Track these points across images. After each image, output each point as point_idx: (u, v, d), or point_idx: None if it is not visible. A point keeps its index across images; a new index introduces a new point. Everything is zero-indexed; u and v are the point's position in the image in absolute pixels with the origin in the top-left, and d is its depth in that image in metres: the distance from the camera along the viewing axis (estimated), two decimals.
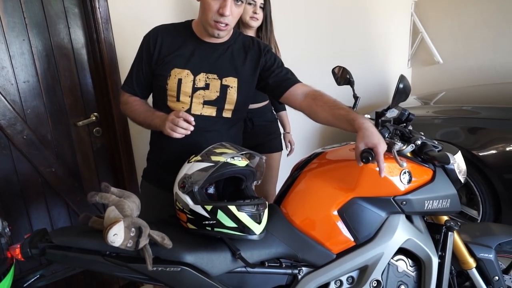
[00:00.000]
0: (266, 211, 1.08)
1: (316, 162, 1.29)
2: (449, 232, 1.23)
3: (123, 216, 0.96)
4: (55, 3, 1.69)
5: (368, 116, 1.43)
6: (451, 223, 1.24)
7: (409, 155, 1.21)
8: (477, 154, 2.11)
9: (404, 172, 1.16)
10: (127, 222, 0.93)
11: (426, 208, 1.17)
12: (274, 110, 2.12)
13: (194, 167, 1.06)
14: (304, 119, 1.31)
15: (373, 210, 1.16)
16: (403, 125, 1.27)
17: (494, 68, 3.23)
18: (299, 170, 1.29)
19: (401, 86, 1.11)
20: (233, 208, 1.01)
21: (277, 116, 2.14)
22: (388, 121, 1.24)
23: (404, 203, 1.15)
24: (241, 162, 1.07)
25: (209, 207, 1.01)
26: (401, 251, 1.19)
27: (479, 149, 2.12)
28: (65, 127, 1.82)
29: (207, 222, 1.02)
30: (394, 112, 1.25)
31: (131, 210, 1.00)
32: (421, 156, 1.19)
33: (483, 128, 2.18)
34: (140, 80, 1.33)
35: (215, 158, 1.05)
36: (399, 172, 1.15)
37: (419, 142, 1.18)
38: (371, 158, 1.00)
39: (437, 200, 1.17)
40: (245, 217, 1.01)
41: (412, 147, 1.18)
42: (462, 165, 1.25)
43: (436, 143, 1.23)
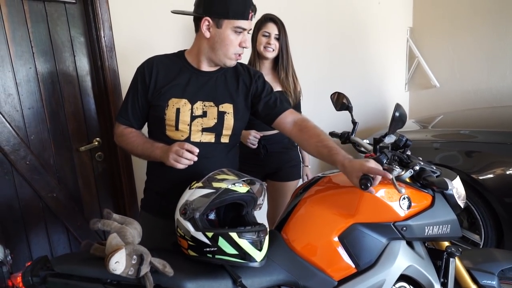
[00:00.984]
0: (267, 237, 1.08)
1: (316, 187, 1.30)
2: (450, 258, 1.22)
3: (124, 243, 0.97)
4: (62, 32, 1.75)
5: (367, 141, 1.46)
6: (452, 249, 1.23)
7: (408, 180, 1.22)
8: (476, 178, 2.12)
9: (404, 198, 1.16)
10: (128, 249, 0.94)
11: (426, 234, 1.17)
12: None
13: (195, 193, 1.07)
14: None
15: (373, 236, 1.16)
16: (401, 150, 1.29)
17: (490, 91, 3.29)
18: (300, 195, 1.30)
19: (397, 114, 1.14)
20: (234, 235, 1.01)
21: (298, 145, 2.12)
22: (386, 147, 1.26)
23: (404, 229, 1.15)
24: (242, 188, 1.08)
25: (210, 234, 1.02)
26: (403, 277, 1.18)
27: (478, 172, 2.13)
28: (67, 152, 1.84)
29: (208, 249, 1.02)
30: (392, 138, 1.26)
31: (132, 237, 1.00)
32: (419, 181, 1.20)
33: (481, 152, 2.20)
34: (136, 111, 1.33)
35: (216, 185, 1.06)
36: (398, 197, 1.16)
37: (417, 168, 1.19)
38: (370, 184, 1.01)
39: (437, 226, 1.17)
40: (246, 244, 1.01)
41: (411, 172, 1.19)
42: (461, 190, 1.26)
43: (435, 168, 1.25)
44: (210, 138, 1.31)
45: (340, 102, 1.55)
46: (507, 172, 2.07)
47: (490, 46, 3.23)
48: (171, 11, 1.39)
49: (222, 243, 1.01)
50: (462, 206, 1.24)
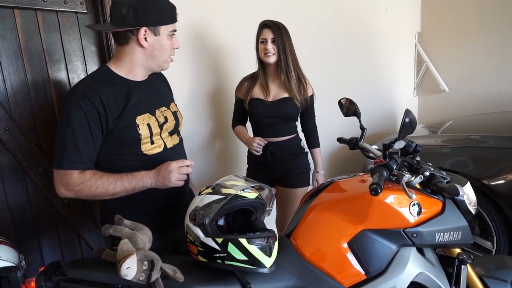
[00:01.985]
0: (276, 243, 1.08)
1: (325, 193, 1.30)
2: (462, 266, 1.21)
3: (136, 249, 0.98)
4: (74, 41, 1.79)
5: (375, 147, 1.46)
6: (464, 256, 1.22)
7: (418, 186, 1.21)
8: (487, 183, 2.09)
9: (414, 204, 1.16)
10: (140, 255, 0.95)
11: (437, 241, 1.16)
12: (308, 146, 2.10)
13: (205, 199, 1.08)
14: None
15: (383, 243, 1.15)
16: (410, 156, 1.28)
17: (500, 95, 3.25)
18: (308, 201, 1.30)
19: (407, 120, 1.14)
20: (243, 241, 1.02)
21: (310, 152, 2.11)
22: (396, 152, 1.25)
23: (414, 235, 1.14)
24: (251, 194, 1.09)
25: (220, 240, 1.02)
26: (413, 285, 1.17)
27: (489, 178, 2.10)
28: None
29: (217, 255, 1.03)
30: (401, 144, 1.26)
31: (143, 243, 1.02)
32: (430, 187, 1.19)
33: (491, 157, 2.17)
34: (90, 150, 1.19)
35: (225, 191, 1.07)
36: (408, 203, 1.15)
37: (427, 173, 1.18)
38: (380, 190, 1.01)
39: (448, 232, 1.16)
40: (255, 250, 1.02)
41: (421, 178, 1.18)
42: (472, 196, 1.24)
43: (445, 174, 1.24)
44: (176, 139, 1.40)
45: (348, 108, 1.55)
46: None
47: (499, 50, 3.20)
48: (86, 25, 1.46)
49: (232, 249, 1.01)
50: (473, 212, 1.22)
